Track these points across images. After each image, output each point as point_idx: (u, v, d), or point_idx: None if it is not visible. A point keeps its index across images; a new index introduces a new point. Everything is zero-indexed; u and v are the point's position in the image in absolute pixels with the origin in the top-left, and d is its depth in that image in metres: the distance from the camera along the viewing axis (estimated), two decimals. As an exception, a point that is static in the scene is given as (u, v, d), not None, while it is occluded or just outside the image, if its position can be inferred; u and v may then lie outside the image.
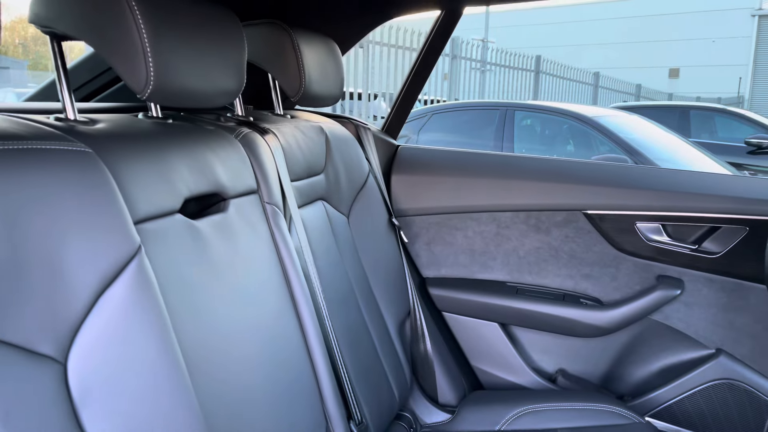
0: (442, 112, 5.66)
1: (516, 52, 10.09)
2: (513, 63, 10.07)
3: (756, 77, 17.39)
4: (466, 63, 9.13)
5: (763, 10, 16.87)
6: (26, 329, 0.66)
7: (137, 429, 0.73)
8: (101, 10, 0.81)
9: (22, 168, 0.68)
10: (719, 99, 14.37)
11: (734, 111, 8.12)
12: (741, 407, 1.63)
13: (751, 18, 17.20)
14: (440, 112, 5.65)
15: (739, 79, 17.17)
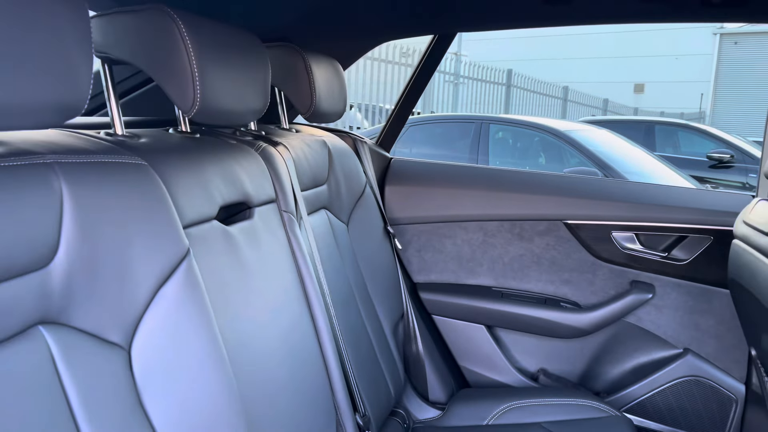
0: (419, 125, 5.80)
1: (488, 66, 10.32)
2: (485, 76, 10.29)
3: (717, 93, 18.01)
4: (439, 76, 9.32)
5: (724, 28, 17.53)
6: (99, 319, 0.76)
7: (189, 409, 0.83)
8: (156, 39, 0.91)
9: (93, 179, 0.77)
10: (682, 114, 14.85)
11: (697, 126, 8.43)
12: (706, 402, 1.77)
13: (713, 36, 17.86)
14: (417, 125, 5.79)
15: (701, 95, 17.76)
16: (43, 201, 0.69)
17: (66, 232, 0.71)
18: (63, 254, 0.71)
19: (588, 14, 1.65)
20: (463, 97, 9.98)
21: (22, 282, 0.66)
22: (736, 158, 7.06)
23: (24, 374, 0.66)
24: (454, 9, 1.65)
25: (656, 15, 1.59)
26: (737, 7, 1.49)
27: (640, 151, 5.44)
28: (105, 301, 0.76)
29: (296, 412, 1.11)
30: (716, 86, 17.88)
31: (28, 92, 0.63)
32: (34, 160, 0.71)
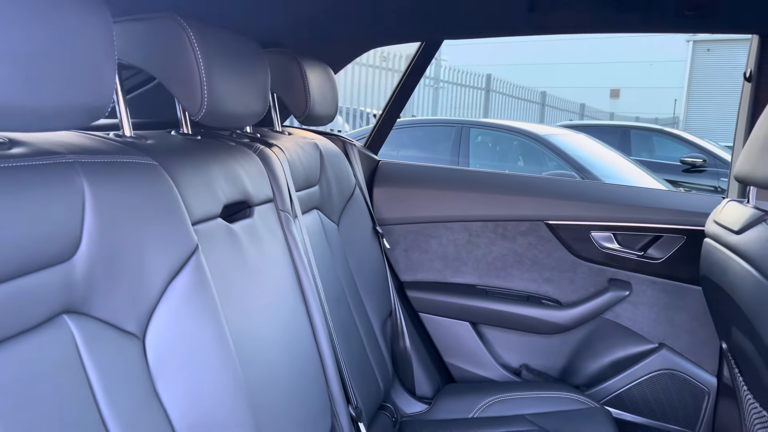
0: (401, 128, 5.86)
1: (468, 71, 10.44)
2: (465, 81, 10.40)
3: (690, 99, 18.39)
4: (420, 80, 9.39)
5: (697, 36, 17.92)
6: (116, 310, 0.80)
7: (199, 395, 0.88)
8: (167, 45, 0.96)
9: (111, 178, 0.82)
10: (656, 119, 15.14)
11: (671, 132, 8.61)
12: (680, 394, 1.86)
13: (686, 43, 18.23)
14: (399, 128, 5.85)
15: (675, 100, 18.12)
16: (68, 198, 0.74)
17: (88, 227, 0.76)
18: (85, 248, 0.76)
19: (567, 24, 1.73)
20: (443, 101, 10.08)
21: (49, 273, 0.71)
22: (708, 162, 7.21)
23: (51, 359, 0.70)
24: (440, 17, 1.72)
25: (630, 26, 1.67)
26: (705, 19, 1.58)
27: (616, 155, 5.56)
28: (122, 292, 0.81)
29: (294, 401, 1.16)
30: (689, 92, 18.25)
31: (60, 96, 0.67)
32: (57, 160, 0.75)
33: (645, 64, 18.16)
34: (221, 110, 1.04)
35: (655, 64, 18.15)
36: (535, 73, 15.74)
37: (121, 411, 0.77)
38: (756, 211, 1.31)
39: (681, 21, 1.60)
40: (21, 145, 0.74)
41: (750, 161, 1.28)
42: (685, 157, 7.39)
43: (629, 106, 17.92)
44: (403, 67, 8.44)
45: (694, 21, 1.60)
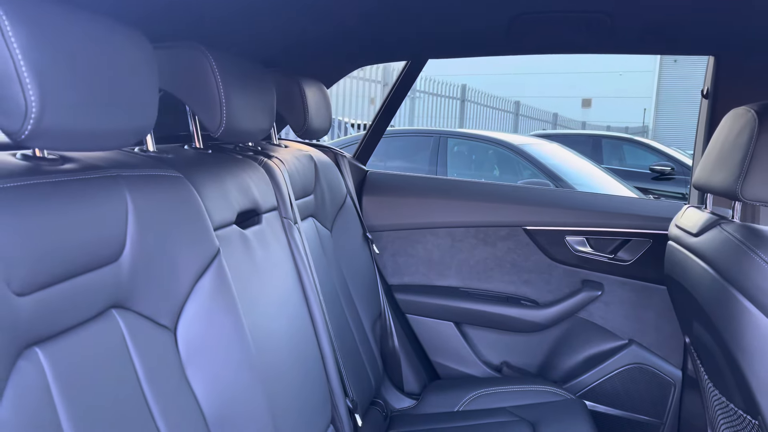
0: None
1: (443, 81, 10.63)
2: (440, 91, 10.59)
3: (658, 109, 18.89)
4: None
5: (664, 47, 18.36)
6: (153, 305, 0.91)
7: (222, 380, 0.99)
8: (190, 71, 1.07)
9: (147, 189, 0.93)
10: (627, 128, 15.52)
11: (641, 141, 8.87)
12: (649, 386, 2.01)
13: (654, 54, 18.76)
14: (378, 138, 5.97)
15: (644, 110, 18.60)
16: (115, 207, 0.85)
17: (130, 232, 0.87)
18: (129, 250, 0.87)
19: (541, 46, 1.88)
20: (419, 111, 10.24)
21: (101, 272, 0.82)
22: (676, 170, 7.43)
23: (104, 348, 0.81)
24: (426, 38, 1.85)
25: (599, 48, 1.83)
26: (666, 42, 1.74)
27: (588, 164, 5.76)
28: (157, 290, 0.92)
29: (299, 392, 1.27)
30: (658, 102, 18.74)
31: (114, 120, 0.79)
32: (104, 174, 0.86)
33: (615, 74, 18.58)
34: (236, 127, 1.15)
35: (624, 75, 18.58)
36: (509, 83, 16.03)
37: (160, 394, 0.88)
38: (712, 216, 1.46)
39: (644, 44, 1.76)
40: (71, 161, 0.85)
41: (706, 171, 1.43)
42: (654, 165, 7.60)
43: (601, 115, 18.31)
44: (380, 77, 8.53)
45: (657, 44, 1.76)
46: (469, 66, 15.17)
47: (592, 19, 1.62)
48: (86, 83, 0.72)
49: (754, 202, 1.25)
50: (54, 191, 0.76)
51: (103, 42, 0.75)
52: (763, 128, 1.22)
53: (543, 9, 1.58)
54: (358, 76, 8.19)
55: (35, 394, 0.68)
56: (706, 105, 1.88)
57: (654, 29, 1.66)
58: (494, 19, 1.65)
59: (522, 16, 1.63)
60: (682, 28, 1.65)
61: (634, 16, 1.59)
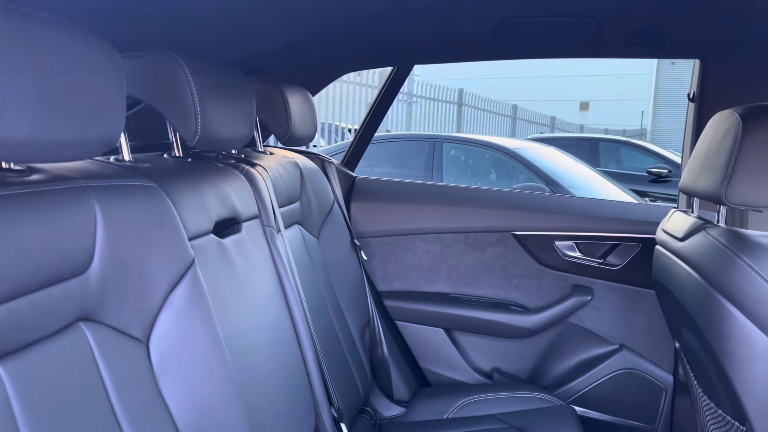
0: (376, 143, 5.98)
1: (440, 86, 10.64)
2: (437, 96, 10.60)
3: (656, 111, 18.91)
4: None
5: (661, 50, 18.39)
6: (124, 317, 0.90)
7: (198, 394, 0.98)
8: (164, 79, 1.06)
9: (117, 199, 0.92)
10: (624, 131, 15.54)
11: (638, 143, 8.88)
12: (640, 391, 1.99)
13: (651, 57, 18.78)
14: (373, 143, 5.95)
15: (642, 112, 18.61)
16: (83, 218, 0.83)
17: (99, 244, 0.86)
18: (97, 262, 0.85)
19: (527, 51, 1.87)
20: (416, 116, 10.25)
21: (68, 284, 0.80)
22: (673, 173, 7.44)
23: (71, 361, 0.80)
24: (411, 44, 1.85)
25: (585, 51, 1.82)
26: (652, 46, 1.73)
27: (584, 168, 5.75)
28: (129, 302, 0.91)
29: (281, 402, 1.26)
30: (655, 104, 18.76)
31: (81, 130, 0.78)
32: (72, 185, 0.85)
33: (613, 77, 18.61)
34: (213, 135, 1.14)
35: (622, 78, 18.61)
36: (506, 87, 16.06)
37: (131, 410, 0.86)
38: (698, 220, 1.45)
39: (630, 48, 1.75)
40: (39, 172, 0.84)
41: (692, 175, 1.42)
42: (651, 168, 7.61)
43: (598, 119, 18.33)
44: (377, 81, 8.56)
45: (642, 48, 1.75)
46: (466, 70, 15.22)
47: (578, 23, 1.62)
48: (48, 93, 0.71)
49: (738, 206, 1.25)
50: (18, 203, 0.74)
51: (65, 50, 0.74)
52: (747, 132, 1.21)
53: (527, 14, 1.57)
54: (354, 81, 8.20)
55: None
56: (693, 108, 1.88)
57: (640, 33, 1.65)
58: (478, 24, 1.64)
59: (506, 21, 1.62)
60: (668, 31, 1.65)
61: (620, 20, 1.59)
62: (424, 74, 11.34)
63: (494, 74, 15.99)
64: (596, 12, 1.54)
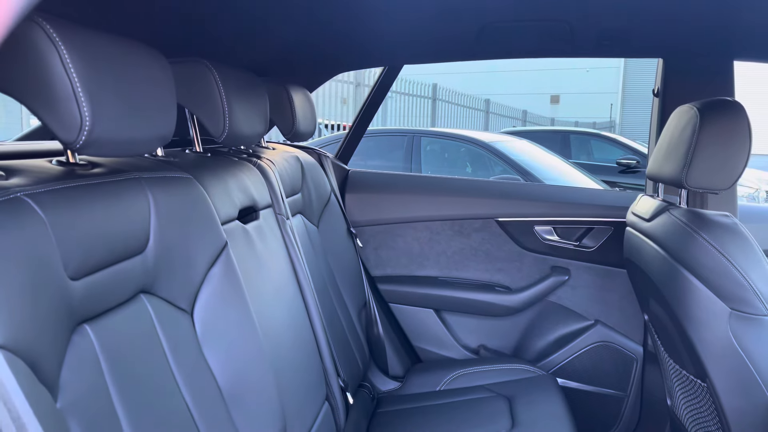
0: (355, 138, 6.11)
1: (414, 81, 10.80)
2: (412, 91, 10.76)
3: (624, 104, 19.36)
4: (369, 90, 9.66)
5: (628, 44, 18.77)
6: (173, 291, 1.04)
7: (234, 357, 1.12)
8: (196, 83, 1.20)
9: (164, 189, 1.05)
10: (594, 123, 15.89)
11: (607, 135, 9.13)
12: (613, 362, 2.18)
13: (619, 51, 19.17)
14: (353, 138, 6.09)
15: (611, 105, 19.04)
16: (140, 205, 0.97)
17: (153, 228, 0.99)
18: (152, 243, 0.99)
19: (509, 51, 2.03)
20: (392, 111, 10.40)
21: (131, 262, 0.94)
22: (641, 163, 7.68)
23: (137, 328, 0.94)
24: (402, 46, 2.00)
25: (560, 51, 2.00)
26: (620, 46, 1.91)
27: (556, 159, 5.97)
28: (176, 277, 1.05)
29: (298, 371, 1.41)
30: (624, 97, 19.18)
31: (147, 129, 0.91)
32: (129, 176, 0.98)
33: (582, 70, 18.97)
34: (237, 132, 1.28)
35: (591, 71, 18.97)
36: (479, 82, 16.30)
37: (183, 368, 1.00)
38: (662, 203, 1.63)
39: (600, 48, 1.93)
40: (98, 166, 0.97)
41: (657, 163, 1.60)
42: (621, 159, 7.84)
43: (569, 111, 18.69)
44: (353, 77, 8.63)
45: (611, 48, 1.93)
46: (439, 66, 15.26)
47: (553, 26, 1.79)
48: (124, 99, 0.85)
49: (697, 189, 1.43)
50: (93, 192, 0.88)
51: (135, 63, 0.88)
52: (704, 123, 1.39)
53: (509, 19, 1.74)
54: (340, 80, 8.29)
55: (87, 364, 0.80)
56: (657, 103, 2.06)
57: (609, 35, 1.83)
58: (465, 28, 1.80)
59: (490, 25, 1.78)
60: (634, 33, 1.83)
61: (591, 23, 1.76)
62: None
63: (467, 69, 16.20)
64: (570, 17, 1.71)
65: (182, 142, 1.51)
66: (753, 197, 8.28)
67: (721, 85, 1.92)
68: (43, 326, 0.70)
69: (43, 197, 0.77)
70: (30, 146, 1.09)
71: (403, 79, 10.44)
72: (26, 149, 1.05)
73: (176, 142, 1.51)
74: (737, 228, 1.39)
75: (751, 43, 1.82)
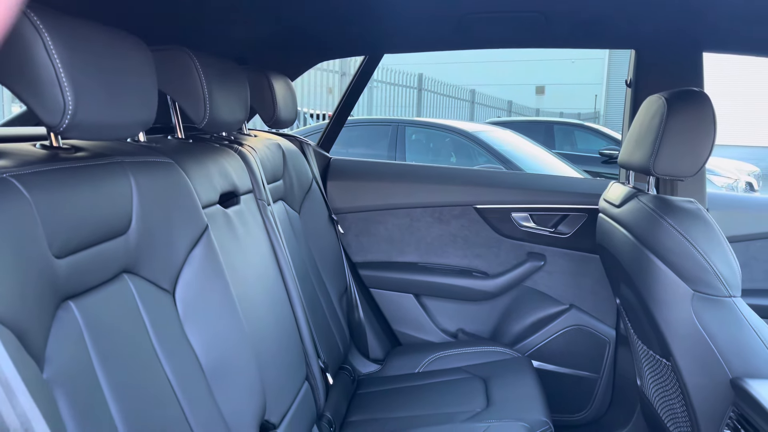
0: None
1: (400, 70, 10.82)
2: (397, 80, 10.77)
3: (609, 95, 19.48)
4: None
5: (612, 35, 18.86)
6: (155, 271, 1.08)
7: (216, 336, 1.16)
8: (178, 72, 1.23)
9: (146, 173, 1.09)
10: (579, 114, 16.01)
11: (590, 126, 9.24)
12: (587, 345, 2.25)
13: (604, 42, 19.25)
14: (338, 128, 6.11)
15: (595, 96, 19.16)
16: (122, 188, 1.01)
17: (135, 210, 1.03)
18: (134, 225, 1.03)
19: (487, 41, 2.08)
20: (377, 100, 10.41)
21: (114, 242, 0.98)
22: (623, 154, 7.75)
23: (120, 305, 0.97)
24: (382, 35, 2.04)
25: (537, 42, 2.05)
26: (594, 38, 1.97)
27: (540, 150, 6.03)
28: (158, 258, 1.08)
29: (278, 352, 1.45)
30: (608, 88, 19.30)
31: (128, 114, 0.95)
32: (112, 160, 1.02)
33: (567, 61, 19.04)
34: (217, 119, 1.32)
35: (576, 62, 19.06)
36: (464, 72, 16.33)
37: (165, 346, 1.05)
38: (632, 190, 1.69)
39: (574, 40, 1.98)
40: (81, 150, 1.01)
41: (628, 151, 1.65)
42: (603, 149, 7.92)
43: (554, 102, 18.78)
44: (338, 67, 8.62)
45: (585, 40, 1.98)
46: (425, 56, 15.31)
47: (529, 18, 1.83)
48: (106, 85, 0.88)
49: (663, 176, 1.48)
50: (76, 174, 0.91)
51: (117, 51, 0.91)
52: (671, 113, 1.45)
53: (486, 9, 1.78)
54: (315, 67, 8.27)
55: (72, 338, 0.84)
56: (630, 93, 2.12)
57: (582, 27, 1.88)
58: (443, 18, 1.85)
59: (468, 16, 1.83)
60: (606, 26, 1.88)
61: (565, 15, 1.81)
62: (384, 60, 11.48)
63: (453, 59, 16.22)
64: (545, 8, 1.75)
65: (165, 129, 1.54)
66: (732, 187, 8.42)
67: (690, 76, 1.98)
68: (30, 300, 0.74)
69: (29, 179, 0.80)
70: (13, 131, 1.12)
71: (389, 68, 10.45)
72: (10, 134, 1.08)
73: (159, 128, 1.55)
74: (701, 213, 1.45)
75: (719, 36, 1.88)
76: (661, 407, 1.71)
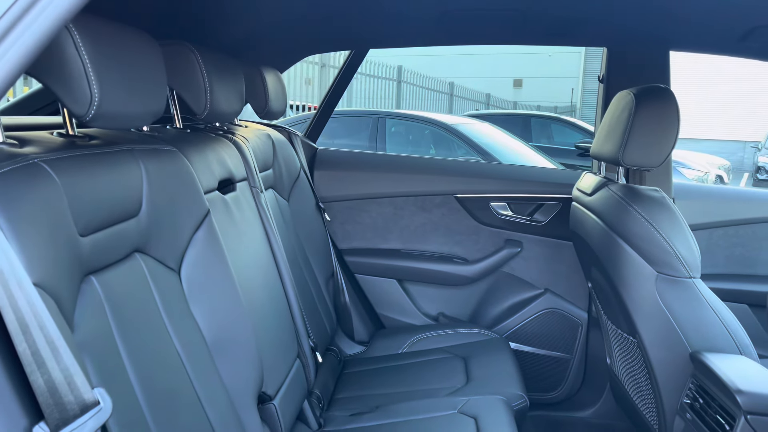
0: (321, 119, 6.19)
1: (380, 62, 10.87)
2: (377, 72, 10.83)
3: (585, 88, 19.76)
4: (334, 71, 9.73)
5: (589, 30, 19.11)
6: (162, 251, 1.16)
7: (218, 312, 1.24)
8: (180, 65, 1.31)
9: (154, 160, 1.17)
10: (556, 108, 16.23)
11: (567, 119, 9.40)
12: (561, 327, 2.37)
13: (580, 36, 19.49)
14: (319, 119, 6.17)
15: (572, 89, 19.42)
16: (134, 174, 1.09)
17: (145, 194, 1.11)
18: (144, 208, 1.11)
19: (468, 37, 2.18)
20: (357, 92, 10.46)
21: (128, 223, 1.06)
22: (598, 147, 7.90)
23: (134, 281, 1.06)
24: (367, 30, 2.13)
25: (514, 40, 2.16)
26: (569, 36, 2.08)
27: (517, 142, 6.16)
28: (165, 239, 1.17)
29: (272, 330, 1.54)
30: (584, 81, 19.56)
31: (142, 105, 1.03)
32: (122, 148, 1.10)
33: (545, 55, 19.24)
34: (217, 110, 1.40)
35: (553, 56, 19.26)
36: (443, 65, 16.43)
37: (173, 320, 1.13)
38: (603, 179, 1.81)
39: (550, 37, 2.09)
40: (95, 138, 1.08)
41: (599, 143, 1.77)
42: (579, 142, 8.07)
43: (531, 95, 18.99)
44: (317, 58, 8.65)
45: (560, 37, 2.10)
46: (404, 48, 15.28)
47: (507, 15, 1.94)
48: (125, 78, 0.96)
49: (631, 166, 1.60)
50: (94, 160, 0.99)
51: (133, 47, 0.99)
52: (639, 107, 1.56)
53: (466, 7, 1.88)
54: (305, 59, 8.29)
55: (95, 309, 0.93)
56: (602, 88, 2.24)
57: (557, 25, 1.99)
58: (425, 14, 1.94)
59: (449, 13, 1.93)
60: (580, 24, 1.99)
61: (541, 13, 1.91)
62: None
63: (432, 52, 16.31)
64: (522, 6, 1.86)
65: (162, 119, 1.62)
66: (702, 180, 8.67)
67: (657, 73, 2.10)
68: (62, 273, 0.82)
69: (56, 164, 0.88)
70: (30, 120, 1.19)
71: (369, 60, 10.47)
72: (28, 122, 1.15)
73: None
74: (665, 201, 1.57)
75: (685, 35, 2.01)
76: (628, 383, 1.84)
